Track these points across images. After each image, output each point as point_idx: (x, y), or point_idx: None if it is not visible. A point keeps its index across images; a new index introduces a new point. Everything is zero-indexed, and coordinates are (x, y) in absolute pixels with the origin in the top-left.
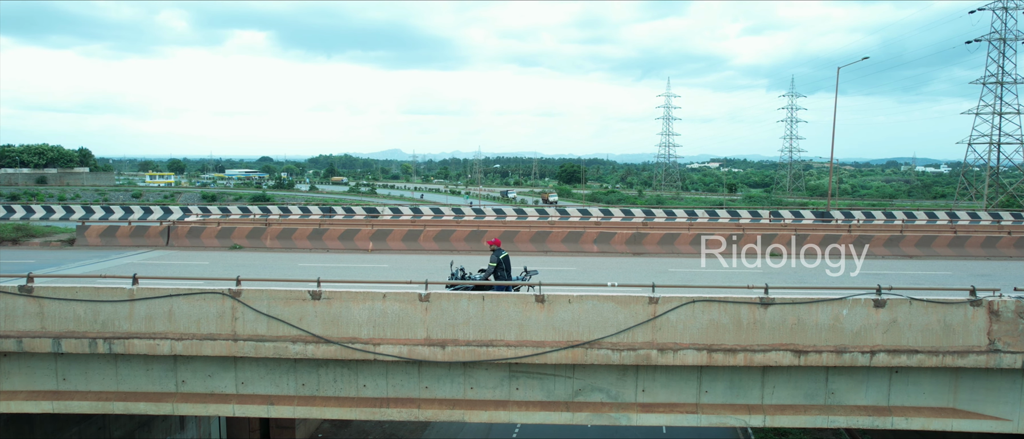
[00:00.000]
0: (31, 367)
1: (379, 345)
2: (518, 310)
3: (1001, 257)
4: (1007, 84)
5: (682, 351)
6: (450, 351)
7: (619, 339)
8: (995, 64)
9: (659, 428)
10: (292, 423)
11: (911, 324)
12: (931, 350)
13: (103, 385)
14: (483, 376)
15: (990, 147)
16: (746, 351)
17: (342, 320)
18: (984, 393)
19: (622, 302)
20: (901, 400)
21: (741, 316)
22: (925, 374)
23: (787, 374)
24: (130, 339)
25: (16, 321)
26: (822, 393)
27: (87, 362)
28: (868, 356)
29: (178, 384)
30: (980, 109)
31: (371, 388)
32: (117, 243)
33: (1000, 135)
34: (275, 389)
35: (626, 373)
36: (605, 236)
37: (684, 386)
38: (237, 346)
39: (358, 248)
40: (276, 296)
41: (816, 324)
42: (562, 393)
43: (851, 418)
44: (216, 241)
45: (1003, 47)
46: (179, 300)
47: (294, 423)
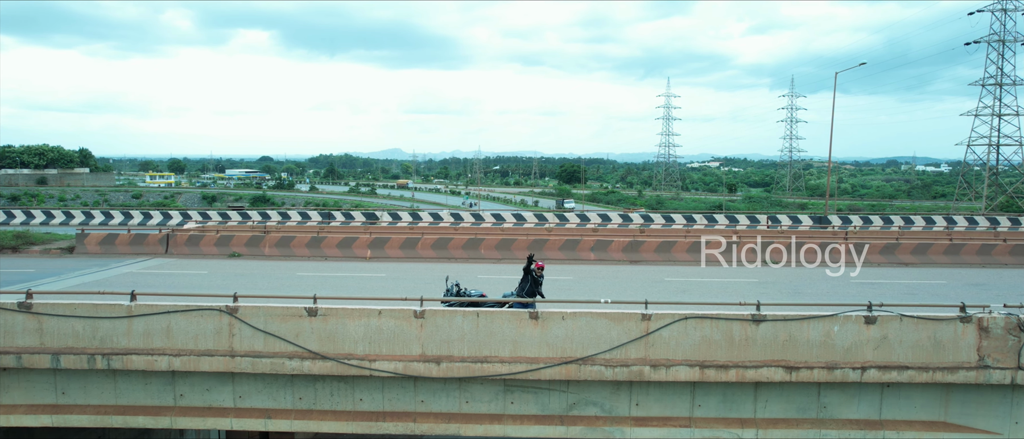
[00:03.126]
0: (30, 381)
1: (375, 361)
2: (512, 326)
3: (996, 265)
4: (1006, 86)
5: (675, 367)
6: (445, 367)
7: (612, 355)
8: (994, 66)
9: None
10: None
11: (901, 340)
12: (921, 366)
13: (102, 399)
14: (478, 390)
15: (989, 148)
16: (738, 367)
17: (338, 336)
18: (975, 407)
19: (615, 319)
20: (893, 414)
21: (733, 333)
22: (916, 389)
23: (779, 389)
24: (128, 355)
25: (15, 337)
26: (814, 407)
27: (86, 377)
28: (859, 372)
29: (176, 398)
30: (979, 110)
31: (367, 402)
32: (116, 251)
33: (999, 137)
34: (272, 403)
35: (620, 388)
36: (602, 244)
37: (677, 400)
38: (234, 362)
39: (356, 256)
40: (273, 313)
41: (808, 340)
42: (557, 407)
43: (843, 432)
44: (215, 249)
45: (1002, 49)
46: (177, 317)
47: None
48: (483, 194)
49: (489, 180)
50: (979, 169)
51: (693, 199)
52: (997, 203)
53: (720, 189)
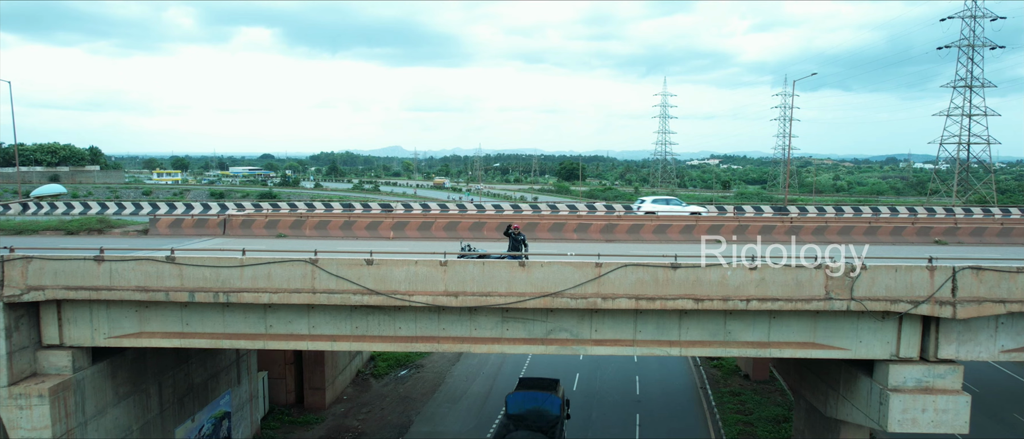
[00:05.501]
0: (164, 315)
1: (412, 295)
2: (507, 271)
3: (904, 243)
4: (975, 88)
5: (619, 299)
6: (461, 299)
7: (575, 291)
8: (964, 68)
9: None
10: (322, 384)
11: (775, 281)
12: (788, 298)
13: (214, 328)
14: (483, 319)
15: (958, 147)
16: (662, 299)
17: (387, 278)
18: (833, 331)
19: (577, 266)
20: (777, 337)
21: (658, 276)
22: (793, 317)
23: (696, 317)
24: (240, 293)
25: (164, 280)
26: (722, 332)
27: (204, 310)
28: (746, 303)
29: (267, 327)
30: (951, 110)
31: (404, 329)
32: (182, 232)
33: (970, 136)
34: (336, 331)
35: (583, 317)
36: (583, 226)
37: (624, 327)
38: (315, 297)
39: (381, 236)
40: (342, 262)
41: (710, 281)
42: (539, 332)
43: (743, 350)
44: (264, 231)
45: (971, 53)
46: (275, 266)
47: (325, 384)
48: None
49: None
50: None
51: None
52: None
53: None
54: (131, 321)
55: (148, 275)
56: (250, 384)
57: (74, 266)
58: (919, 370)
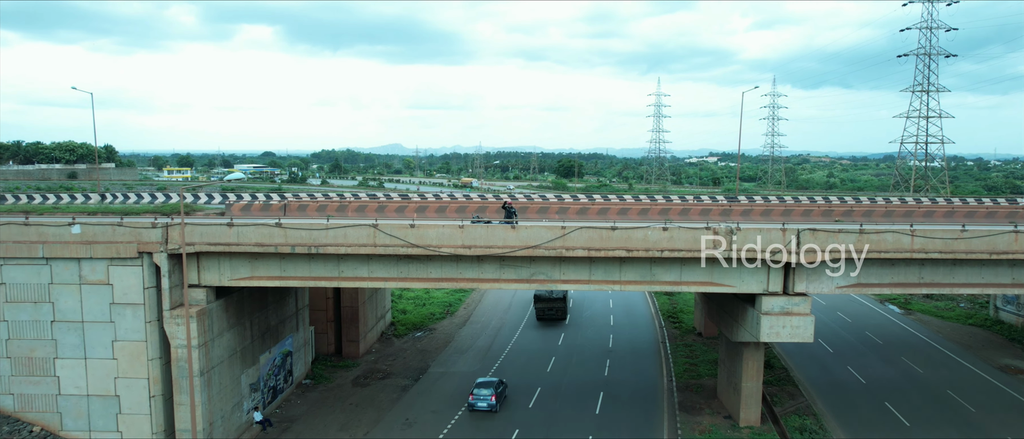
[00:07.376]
0: (268, 263)
1: (441, 248)
2: (503, 231)
3: (826, 222)
4: (932, 92)
5: (578, 250)
6: (473, 250)
7: (549, 244)
8: (921, 74)
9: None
10: (357, 337)
11: (681, 238)
12: (689, 249)
13: (302, 273)
14: (487, 266)
15: (916, 146)
16: (606, 250)
17: (424, 237)
18: (724, 275)
19: (550, 229)
20: (687, 279)
21: (603, 234)
22: (696, 263)
23: (631, 263)
24: (324, 246)
25: (273, 238)
26: (649, 274)
27: (297, 260)
28: (661, 252)
29: (339, 271)
30: (910, 113)
31: (434, 273)
32: (252, 215)
33: (927, 136)
34: (386, 274)
35: (554, 264)
36: (562, 209)
37: (581, 270)
38: (375, 249)
39: (406, 217)
40: (394, 226)
41: (638, 238)
42: (524, 274)
43: (663, 286)
44: (316, 214)
45: (928, 61)
46: (349, 229)
47: (359, 338)
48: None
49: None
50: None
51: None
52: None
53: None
54: (246, 268)
55: (263, 235)
56: (304, 333)
57: (213, 229)
58: (781, 300)
